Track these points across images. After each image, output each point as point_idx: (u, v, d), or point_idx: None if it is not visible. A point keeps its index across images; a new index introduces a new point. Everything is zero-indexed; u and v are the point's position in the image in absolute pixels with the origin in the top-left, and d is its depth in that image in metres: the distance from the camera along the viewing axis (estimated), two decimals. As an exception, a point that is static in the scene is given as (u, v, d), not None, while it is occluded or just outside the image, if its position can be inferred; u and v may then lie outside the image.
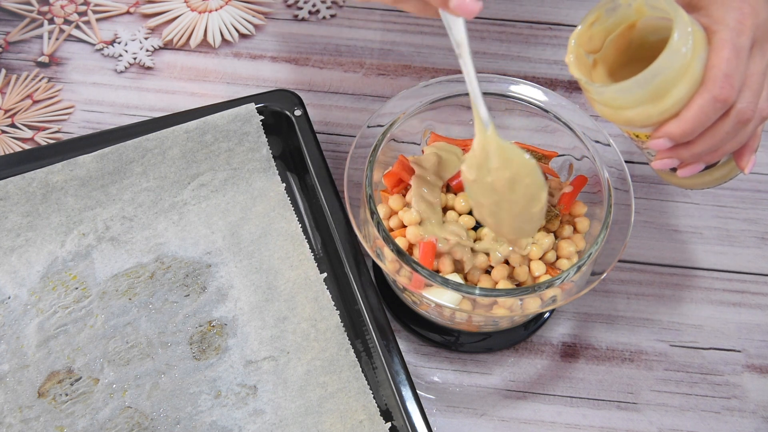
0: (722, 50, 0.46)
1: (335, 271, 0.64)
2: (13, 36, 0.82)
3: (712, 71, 0.46)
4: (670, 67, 0.46)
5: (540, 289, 0.54)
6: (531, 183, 0.51)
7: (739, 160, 0.53)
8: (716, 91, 0.46)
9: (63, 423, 0.58)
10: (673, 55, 0.46)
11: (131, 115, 0.77)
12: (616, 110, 0.49)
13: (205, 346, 0.61)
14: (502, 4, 0.85)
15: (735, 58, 0.46)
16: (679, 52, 0.46)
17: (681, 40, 0.46)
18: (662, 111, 0.48)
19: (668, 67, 0.46)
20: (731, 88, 0.46)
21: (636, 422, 0.62)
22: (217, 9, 0.84)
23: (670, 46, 0.46)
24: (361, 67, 0.80)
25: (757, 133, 0.52)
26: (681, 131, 0.48)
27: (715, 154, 0.51)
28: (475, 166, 0.52)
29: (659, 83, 0.47)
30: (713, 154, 0.51)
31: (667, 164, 0.52)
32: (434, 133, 0.64)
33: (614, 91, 0.48)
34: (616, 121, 0.51)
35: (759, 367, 0.64)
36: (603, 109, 0.50)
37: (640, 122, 0.49)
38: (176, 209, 0.67)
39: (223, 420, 0.58)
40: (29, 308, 0.62)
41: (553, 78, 0.80)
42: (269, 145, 0.69)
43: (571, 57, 0.51)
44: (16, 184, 0.64)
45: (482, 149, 0.51)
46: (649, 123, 0.49)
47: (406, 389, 0.56)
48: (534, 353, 0.65)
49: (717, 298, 0.68)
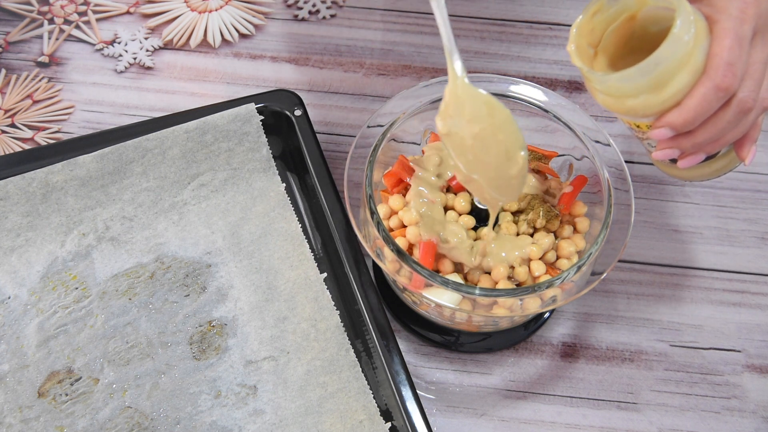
0: (724, 39, 0.46)
1: (335, 271, 0.64)
2: (13, 36, 0.82)
3: (714, 60, 0.46)
4: (673, 55, 0.46)
5: (540, 289, 0.54)
6: (505, 139, 0.48)
7: (739, 151, 0.52)
8: (718, 80, 0.46)
9: (63, 423, 0.58)
10: (675, 44, 0.46)
11: (131, 115, 0.77)
12: (618, 99, 0.49)
13: (205, 346, 0.61)
14: (502, 4, 0.85)
15: (737, 46, 0.46)
16: (682, 40, 0.46)
17: (683, 29, 0.46)
18: (664, 100, 0.48)
19: (670, 56, 0.46)
20: (733, 76, 0.46)
21: (636, 422, 0.62)
22: (217, 9, 0.84)
23: (673, 34, 0.46)
24: (361, 67, 0.81)
25: (757, 123, 0.52)
26: (682, 120, 0.48)
27: (716, 144, 0.50)
28: (447, 116, 0.50)
29: (661, 72, 0.46)
30: (714, 144, 0.50)
31: (667, 155, 0.51)
32: (434, 133, 0.64)
33: (616, 80, 0.48)
34: (617, 111, 0.50)
35: (759, 367, 0.64)
36: (604, 99, 0.50)
37: (641, 111, 0.49)
38: (176, 209, 0.67)
39: (223, 420, 0.58)
40: (29, 308, 0.62)
41: (553, 78, 0.80)
42: (269, 145, 0.69)
43: (573, 46, 0.51)
44: (16, 184, 0.64)
45: (455, 98, 0.49)
46: (650, 112, 0.49)
47: (406, 389, 0.56)
48: (534, 353, 0.65)
49: (717, 298, 0.68)
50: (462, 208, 0.59)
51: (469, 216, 0.59)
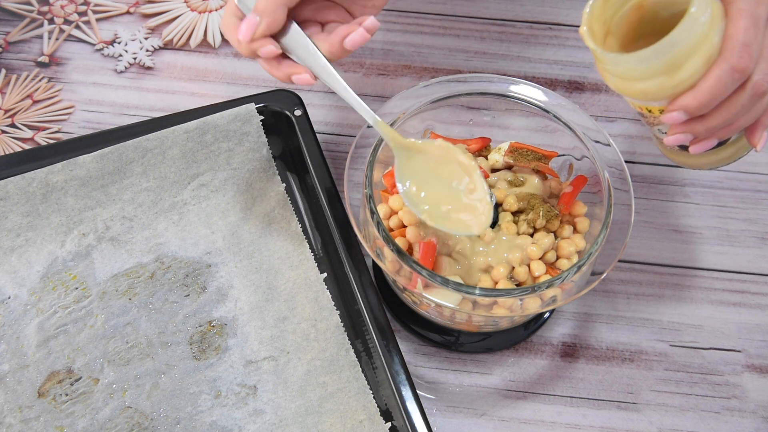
0: (740, 20, 0.46)
1: (335, 271, 0.64)
2: (13, 36, 0.82)
3: (730, 41, 0.46)
4: (689, 36, 0.46)
5: (540, 289, 0.54)
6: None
7: (751, 137, 0.52)
8: (734, 61, 0.45)
9: (63, 423, 0.58)
10: (692, 24, 0.45)
11: (131, 115, 0.77)
12: (630, 82, 0.49)
13: (205, 346, 0.61)
14: (502, 4, 0.85)
15: (753, 27, 0.46)
16: (698, 21, 0.45)
17: (700, 9, 0.45)
18: (678, 83, 0.47)
19: (686, 37, 0.45)
20: (749, 57, 0.45)
21: (636, 422, 0.62)
22: (217, 9, 0.84)
23: (690, 14, 0.45)
24: (361, 67, 0.80)
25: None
26: (697, 103, 0.47)
27: (729, 129, 0.50)
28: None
29: (677, 53, 0.46)
30: (727, 128, 0.50)
31: (679, 140, 0.51)
32: (434, 133, 0.64)
33: (630, 61, 0.47)
34: (628, 94, 0.50)
35: (759, 367, 0.64)
36: (616, 81, 0.50)
37: (654, 94, 0.48)
38: (176, 209, 0.67)
39: (223, 420, 0.58)
40: (29, 308, 0.62)
41: (553, 78, 0.80)
42: (269, 145, 0.69)
43: (585, 28, 0.50)
44: (16, 184, 0.64)
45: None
46: (663, 95, 0.48)
47: (406, 389, 0.56)
48: (534, 353, 0.65)
49: (717, 298, 0.68)
50: (462, 208, 0.59)
51: (469, 216, 0.59)
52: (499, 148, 0.63)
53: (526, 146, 0.62)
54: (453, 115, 0.63)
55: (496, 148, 0.63)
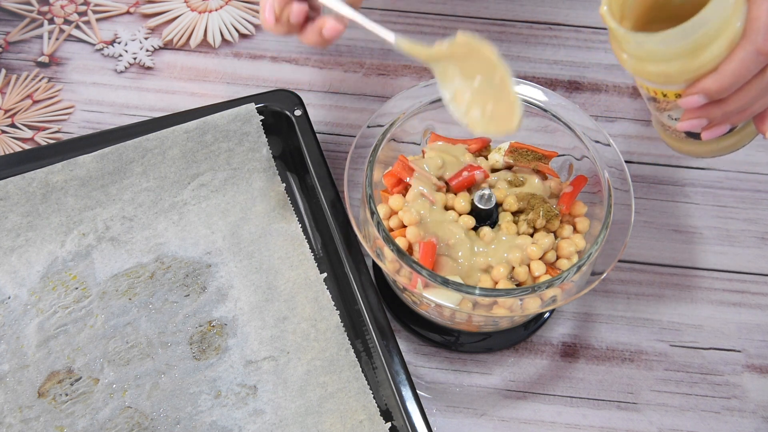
0: (764, 2, 0.45)
1: (335, 271, 0.64)
2: (13, 36, 0.82)
3: (755, 23, 0.45)
4: (715, 18, 0.45)
5: (540, 289, 0.54)
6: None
7: (760, 124, 0.51)
8: (759, 43, 0.45)
9: (63, 423, 0.58)
10: (719, 5, 0.45)
11: (131, 115, 0.77)
12: (651, 63, 0.48)
13: (205, 346, 0.61)
14: (502, 4, 0.85)
15: None
16: (726, 2, 0.45)
17: None
18: (700, 65, 0.47)
19: (713, 19, 0.45)
20: None
21: (636, 422, 0.62)
22: (217, 9, 0.84)
23: None
24: (361, 67, 0.81)
25: None
26: (719, 86, 0.47)
27: (744, 114, 0.49)
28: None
29: (702, 35, 0.45)
30: (742, 113, 0.49)
31: (693, 125, 0.50)
32: (434, 133, 0.64)
33: (656, 41, 0.46)
34: (646, 76, 0.49)
35: (759, 367, 0.64)
36: (633, 63, 0.49)
37: (675, 77, 0.48)
38: (176, 209, 0.67)
39: (223, 420, 0.58)
40: (29, 308, 0.62)
41: (553, 78, 0.80)
42: (269, 145, 0.69)
43: (605, 8, 0.49)
44: (16, 184, 0.64)
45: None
46: (683, 78, 0.48)
47: (406, 389, 0.56)
48: (534, 353, 0.65)
49: (717, 298, 0.68)
50: (462, 208, 0.59)
51: (469, 216, 0.59)
52: (499, 148, 0.63)
53: (526, 146, 0.62)
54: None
55: (496, 148, 0.63)
